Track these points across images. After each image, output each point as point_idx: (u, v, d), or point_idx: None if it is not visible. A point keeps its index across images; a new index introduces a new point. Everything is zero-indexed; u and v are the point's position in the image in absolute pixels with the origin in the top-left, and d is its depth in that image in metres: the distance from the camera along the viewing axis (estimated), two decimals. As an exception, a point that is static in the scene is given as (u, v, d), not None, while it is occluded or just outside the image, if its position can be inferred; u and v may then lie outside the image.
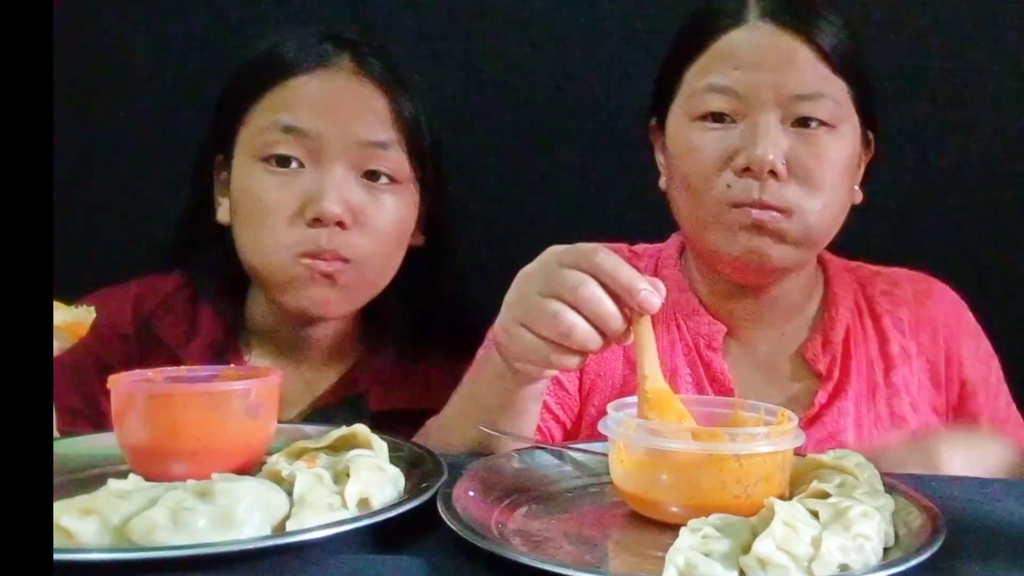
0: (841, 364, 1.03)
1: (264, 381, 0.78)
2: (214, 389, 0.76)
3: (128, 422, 0.76)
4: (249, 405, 0.77)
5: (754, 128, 0.94)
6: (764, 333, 1.06)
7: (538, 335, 0.76)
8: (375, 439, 0.76)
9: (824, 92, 0.95)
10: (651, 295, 0.73)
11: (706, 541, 0.60)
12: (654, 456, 0.70)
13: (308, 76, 1.02)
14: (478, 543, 0.61)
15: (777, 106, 0.95)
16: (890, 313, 1.06)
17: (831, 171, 0.96)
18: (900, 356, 1.04)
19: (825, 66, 0.95)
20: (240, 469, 0.73)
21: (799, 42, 0.95)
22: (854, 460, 0.73)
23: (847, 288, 1.07)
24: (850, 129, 0.98)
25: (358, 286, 1.04)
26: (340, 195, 0.99)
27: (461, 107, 1.39)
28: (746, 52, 0.95)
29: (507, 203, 1.41)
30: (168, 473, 0.70)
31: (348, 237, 1.01)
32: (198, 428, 0.74)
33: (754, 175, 0.94)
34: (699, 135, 0.97)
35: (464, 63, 1.41)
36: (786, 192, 0.94)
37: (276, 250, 1.01)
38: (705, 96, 0.97)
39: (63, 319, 0.77)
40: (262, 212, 1.01)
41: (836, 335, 1.04)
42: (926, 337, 1.05)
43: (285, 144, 1.00)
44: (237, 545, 0.60)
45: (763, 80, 0.94)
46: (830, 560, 0.59)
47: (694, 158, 0.98)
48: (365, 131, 1.01)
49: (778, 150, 0.94)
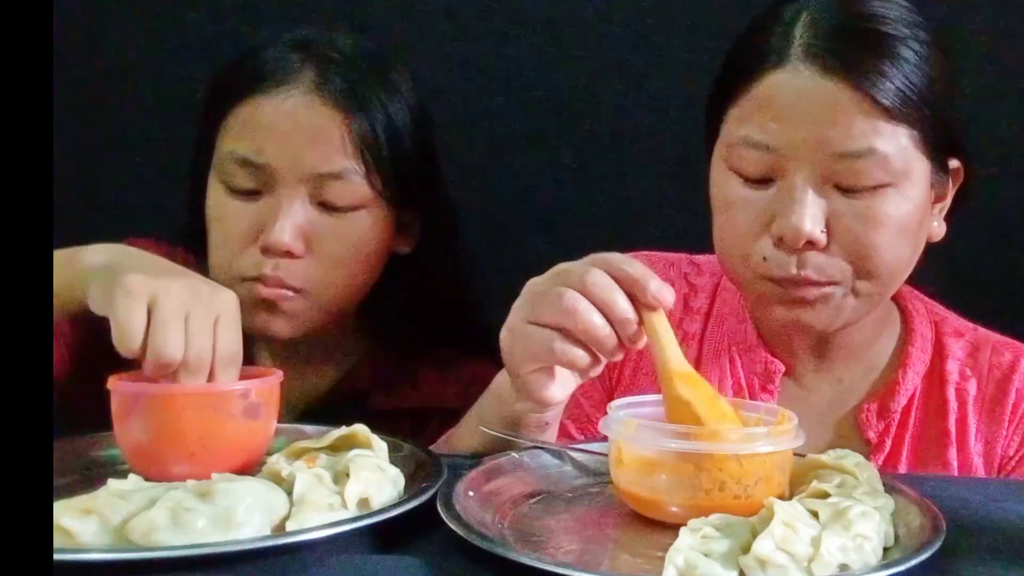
0: (896, 435, 0.93)
1: (264, 381, 0.78)
2: (214, 389, 0.76)
3: (128, 423, 0.75)
4: (248, 405, 0.76)
5: (789, 192, 0.83)
6: (822, 378, 0.97)
7: (542, 324, 0.73)
8: (375, 439, 0.76)
9: (876, 148, 0.81)
10: (664, 288, 0.71)
11: (706, 541, 0.60)
12: (654, 456, 0.70)
13: (265, 97, 0.99)
14: (478, 543, 0.61)
15: (818, 165, 0.82)
16: (958, 384, 0.94)
17: (885, 234, 0.83)
18: (957, 434, 0.93)
19: (879, 116, 0.81)
20: (241, 469, 0.73)
21: (846, 88, 0.81)
22: (854, 460, 0.73)
23: (924, 345, 0.95)
24: (915, 180, 0.84)
25: (309, 313, 1.02)
26: (292, 225, 0.98)
27: (461, 107, 1.39)
28: (784, 101, 0.83)
29: (507, 203, 1.41)
30: (169, 474, 0.70)
31: (298, 267, 0.99)
32: (198, 429, 0.74)
33: (789, 247, 0.83)
34: (736, 192, 0.87)
35: (464, 63, 1.41)
36: (830, 263, 0.84)
37: (225, 270, 1.01)
38: (741, 150, 0.86)
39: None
40: (222, 232, 1.02)
41: (896, 404, 0.93)
42: (990, 417, 0.93)
43: (241, 176, 1.00)
44: (237, 545, 0.60)
45: (800, 134, 0.82)
46: (830, 560, 0.59)
47: (730, 217, 0.88)
48: (318, 162, 0.99)
49: (816, 217, 0.82)
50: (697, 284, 1.02)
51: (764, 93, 0.84)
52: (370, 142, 1.00)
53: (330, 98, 1.00)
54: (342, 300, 1.05)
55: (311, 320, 1.03)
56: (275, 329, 1.02)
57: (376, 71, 1.04)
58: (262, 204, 1.00)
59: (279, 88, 1.00)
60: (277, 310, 1.00)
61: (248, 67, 1.02)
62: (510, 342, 0.77)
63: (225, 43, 1.40)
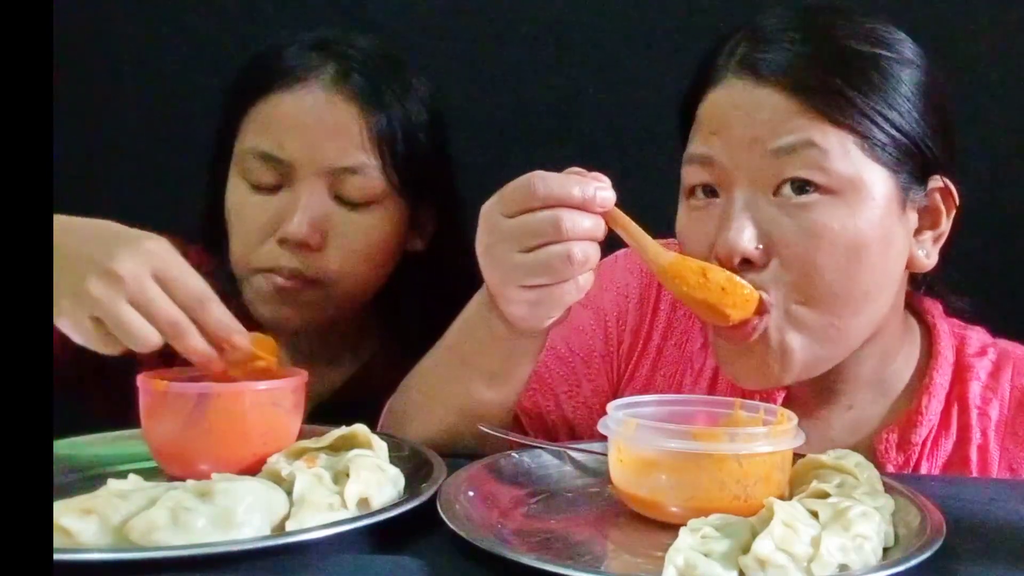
0: (914, 467, 0.87)
1: (302, 377, 0.80)
2: (275, 386, 0.77)
3: (178, 422, 0.75)
4: (296, 400, 0.79)
5: (727, 208, 0.80)
6: (828, 407, 0.90)
7: (519, 245, 0.75)
8: (375, 439, 0.76)
9: (814, 140, 0.77)
10: (605, 188, 0.76)
11: (706, 541, 0.60)
12: (654, 456, 0.70)
13: (286, 93, 1.02)
14: (478, 543, 0.61)
15: (753, 171, 0.79)
16: (979, 408, 0.88)
17: (831, 249, 0.77)
18: (979, 462, 0.87)
19: (815, 117, 0.77)
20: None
21: (779, 93, 0.78)
22: (854, 460, 0.73)
23: (945, 370, 0.89)
24: (866, 195, 0.78)
25: (323, 305, 1.05)
26: (309, 218, 1.00)
27: (461, 107, 1.39)
28: (721, 113, 0.81)
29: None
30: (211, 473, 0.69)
31: (314, 258, 1.02)
32: (262, 424, 0.75)
33: (730, 267, 0.78)
34: (687, 214, 0.85)
35: (464, 63, 1.41)
36: (771, 282, 0.78)
37: (241, 263, 1.04)
38: (690, 169, 0.84)
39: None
40: (242, 227, 1.04)
41: (918, 435, 0.86)
42: (1012, 441, 0.88)
43: (261, 171, 1.02)
44: (237, 545, 0.60)
45: (735, 141, 0.79)
46: (829, 560, 0.59)
47: (685, 238, 0.85)
48: (335, 156, 1.01)
49: (748, 231, 0.78)
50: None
51: (706, 111, 0.84)
52: (387, 138, 1.03)
53: (349, 94, 1.02)
54: (356, 294, 1.07)
55: (325, 313, 1.05)
56: (290, 319, 1.04)
57: (394, 70, 1.07)
58: (281, 197, 1.02)
59: (299, 85, 1.02)
60: (292, 301, 1.02)
61: (268, 65, 1.04)
62: (490, 262, 0.79)
63: (226, 43, 1.41)
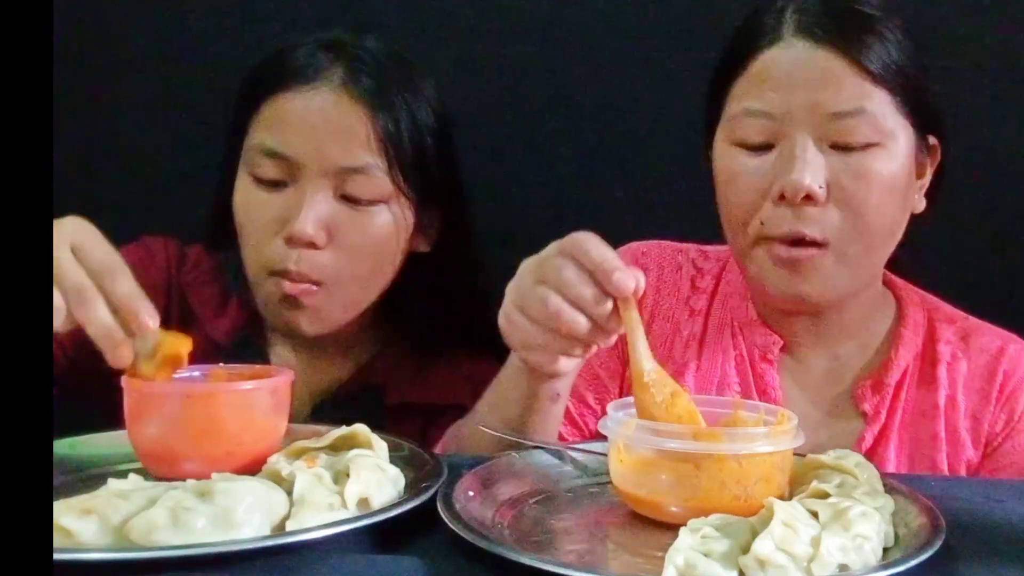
0: (889, 408, 0.99)
1: (286, 378, 0.80)
2: (248, 387, 0.77)
3: (154, 422, 0.76)
4: (276, 402, 0.79)
5: (790, 152, 0.90)
6: (818, 353, 1.03)
7: (532, 320, 0.79)
8: (375, 439, 0.76)
9: (865, 107, 0.90)
10: (625, 278, 0.75)
11: (706, 541, 0.60)
12: (654, 456, 0.70)
13: (295, 93, 1.02)
14: (478, 543, 0.61)
15: (814, 127, 0.90)
16: (949, 363, 1.00)
17: (876, 191, 0.91)
18: (947, 409, 0.99)
19: (865, 79, 0.90)
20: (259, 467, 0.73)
21: (835, 56, 0.90)
22: (854, 460, 0.73)
23: (916, 329, 1.02)
24: (900, 143, 0.92)
25: (331, 308, 1.05)
26: (315, 216, 1.00)
27: (461, 107, 1.39)
28: (780, 72, 0.91)
29: (507, 203, 1.41)
30: (198, 473, 0.70)
31: (321, 258, 1.02)
32: (235, 425, 0.75)
33: (789, 202, 0.90)
34: (739, 161, 0.94)
35: (464, 63, 1.41)
36: (825, 219, 0.91)
37: (253, 264, 1.05)
38: (743, 121, 0.93)
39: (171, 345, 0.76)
40: (249, 226, 1.05)
41: (891, 378, 0.99)
42: (978, 396, 0.99)
43: (267, 167, 1.03)
44: (236, 545, 0.60)
45: (797, 100, 0.90)
46: (829, 560, 0.59)
47: (735, 186, 0.95)
48: (342, 156, 1.01)
49: (816, 173, 0.89)
50: (704, 267, 1.09)
51: (761, 68, 0.93)
52: (393, 139, 1.03)
53: (357, 95, 1.03)
54: (362, 295, 1.08)
55: (333, 316, 1.06)
56: (301, 326, 1.05)
57: (402, 72, 1.07)
58: (287, 195, 1.03)
59: (308, 84, 1.03)
60: (301, 307, 1.03)
61: (279, 64, 1.05)
62: (507, 327, 0.82)
63: (228, 43, 1.41)
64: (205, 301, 1.13)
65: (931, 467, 0.97)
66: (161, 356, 0.75)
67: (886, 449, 0.98)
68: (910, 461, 0.99)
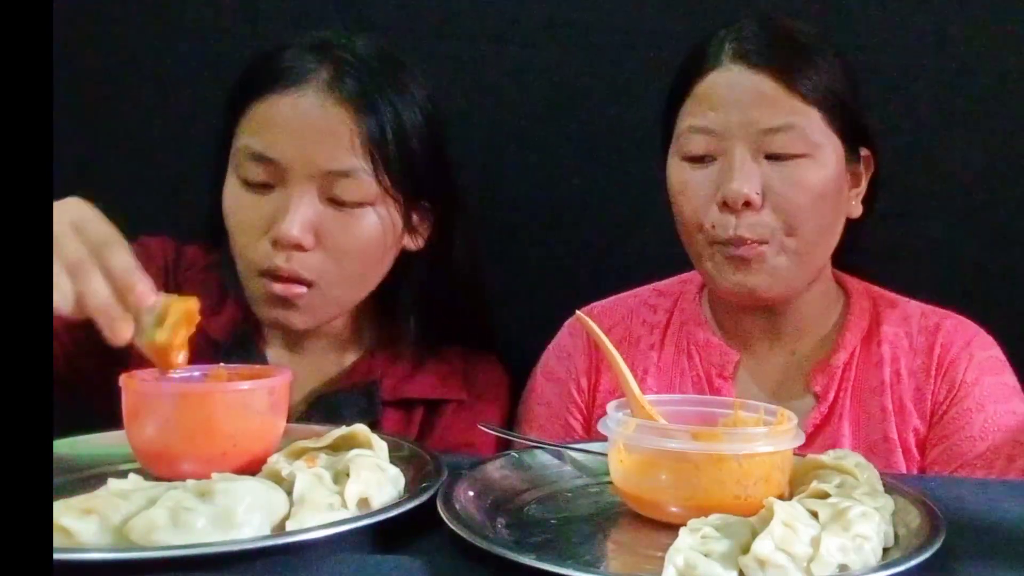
0: (838, 387, 1.07)
1: (283, 378, 0.80)
2: (243, 387, 0.77)
3: (151, 422, 0.76)
4: (273, 402, 0.78)
5: (729, 164, 1.00)
6: (776, 352, 1.11)
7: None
8: (375, 439, 0.76)
9: (794, 123, 0.99)
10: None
11: (705, 541, 0.60)
12: (654, 456, 0.70)
13: (280, 95, 1.02)
14: (478, 543, 0.61)
15: (750, 141, 1.00)
16: (892, 342, 1.08)
17: (807, 196, 1.00)
18: (892, 383, 1.07)
19: (795, 99, 1.00)
20: (258, 467, 0.73)
21: (768, 79, 1.00)
22: (854, 460, 0.73)
23: (862, 315, 1.11)
24: (829, 154, 1.02)
25: (323, 306, 1.06)
26: (301, 219, 1.00)
27: (461, 107, 1.39)
28: (720, 93, 1.01)
29: (507, 203, 1.41)
30: (194, 473, 0.70)
31: (309, 259, 1.02)
32: (231, 425, 0.75)
33: (731, 209, 0.99)
34: (688, 173, 1.04)
35: (464, 63, 1.41)
36: (762, 222, 1.00)
37: (242, 264, 1.05)
38: (689, 137, 1.03)
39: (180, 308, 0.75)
40: (237, 228, 1.05)
41: (838, 359, 1.07)
42: (920, 369, 1.06)
43: (254, 170, 1.03)
44: (236, 545, 0.60)
45: (734, 118, 1.00)
46: (829, 560, 0.59)
47: (685, 196, 1.04)
48: (327, 160, 1.01)
49: (752, 181, 0.99)
50: (656, 304, 1.17)
51: (704, 90, 1.02)
52: (379, 142, 1.03)
53: (342, 98, 1.02)
54: (353, 294, 1.08)
55: (325, 313, 1.07)
56: (293, 321, 1.05)
57: (389, 72, 1.07)
58: (274, 197, 1.03)
59: (294, 87, 1.03)
60: (292, 305, 1.03)
61: (267, 66, 1.05)
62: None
63: (226, 43, 1.40)
64: (202, 299, 1.12)
65: (883, 438, 1.04)
66: (171, 321, 0.74)
67: (840, 425, 1.05)
68: (864, 434, 1.05)
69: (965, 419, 1.03)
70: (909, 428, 1.04)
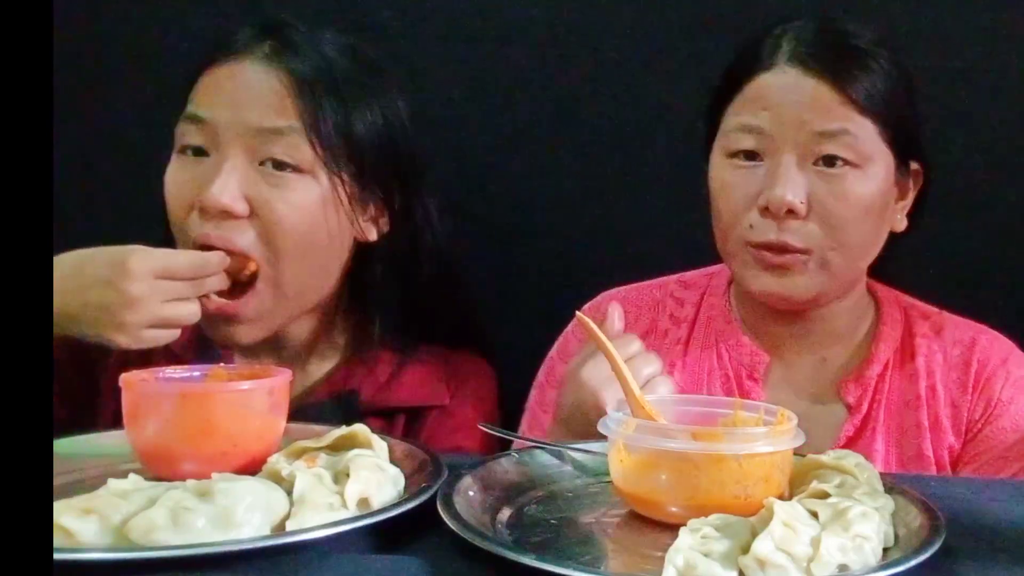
0: (871, 399, 1.05)
1: (284, 378, 0.80)
2: (243, 387, 0.78)
3: (151, 422, 0.76)
4: (273, 402, 0.78)
5: (775, 168, 0.98)
6: (806, 358, 1.09)
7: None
8: (375, 439, 0.76)
9: (848, 129, 0.97)
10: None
11: (705, 541, 0.60)
12: (654, 456, 0.70)
13: (221, 65, 1.02)
14: (478, 543, 0.61)
15: (799, 145, 0.98)
16: (926, 355, 1.06)
17: (854, 209, 0.98)
18: (928, 398, 1.05)
19: (850, 107, 0.97)
20: (258, 467, 0.73)
21: (823, 84, 0.98)
22: (854, 460, 0.73)
23: (895, 325, 1.09)
24: (879, 167, 1.00)
25: (270, 309, 1.01)
26: (231, 183, 0.97)
27: (461, 107, 1.39)
28: (773, 94, 0.99)
29: (506, 204, 1.41)
30: (194, 473, 0.69)
31: (241, 228, 0.98)
32: (230, 425, 0.75)
33: (773, 215, 0.98)
34: (731, 172, 1.02)
35: (464, 64, 1.41)
36: (806, 231, 0.98)
37: (181, 237, 1.01)
38: (737, 135, 1.01)
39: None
40: (170, 199, 1.02)
41: (871, 371, 1.06)
42: (956, 385, 1.05)
43: (190, 134, 1.01)
44: (237, 545, 0.60)
45: (786, 118, 0.98)
46: (829, 560, 0.59)
47: (726, 195, 1.02)
48: (258, 117, 0.99)
49: (797, 189, 0.97)
50: (683, 297, 1.15)
51: (756, 90, 1.01)
52: (311, 106, 1.01)
53: (279, 67, 1.02)
54: (303, 287, 1.03)
55: (275, 318, 1.03)
56: (239, 337, 1.01)
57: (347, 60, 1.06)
58: (205, 164, 1.00)
59: (235, 56, 1.03)
60: (235, 320, 1.00)
61: (217, 40, 1.05)
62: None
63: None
64: None
65: (917, 454, 1.03)
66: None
67: (873, 439, 1.03)
68: (898, 449, 1.03)
69: (999, 438, 1.02)
70: (944, 445, 1.03)
